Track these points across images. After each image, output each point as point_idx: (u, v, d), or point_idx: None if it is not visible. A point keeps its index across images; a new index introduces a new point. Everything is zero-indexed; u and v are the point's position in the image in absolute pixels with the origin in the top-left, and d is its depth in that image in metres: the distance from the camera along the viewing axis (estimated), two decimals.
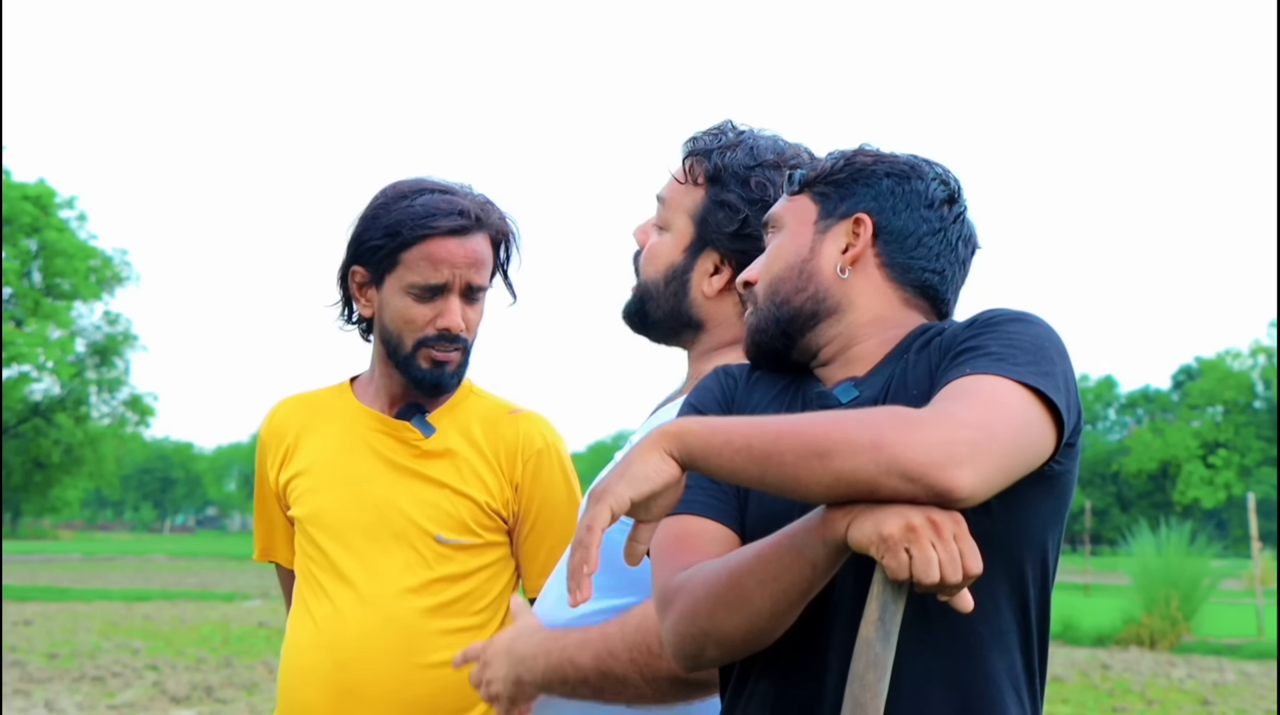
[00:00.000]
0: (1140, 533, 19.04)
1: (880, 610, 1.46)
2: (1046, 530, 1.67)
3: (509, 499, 2.42)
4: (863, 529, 1.45)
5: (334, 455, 2.45)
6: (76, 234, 42.49)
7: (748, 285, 1.85)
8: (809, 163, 1.92)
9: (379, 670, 2.32)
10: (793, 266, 1.80)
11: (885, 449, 1.44)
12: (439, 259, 2.33)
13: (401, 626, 2.34)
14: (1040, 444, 1.55)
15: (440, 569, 2.37)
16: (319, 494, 2.44)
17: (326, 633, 2.36)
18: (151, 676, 11.82)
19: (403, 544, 2.37)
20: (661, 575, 1.67)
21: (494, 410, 2.48)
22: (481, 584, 2.40)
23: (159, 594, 24.32)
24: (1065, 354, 1.64)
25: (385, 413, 2.46)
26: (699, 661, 1.65)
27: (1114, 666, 14.33)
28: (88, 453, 44.35)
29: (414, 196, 2.36)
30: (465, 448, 2.42)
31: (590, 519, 1.48)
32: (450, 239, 2.33)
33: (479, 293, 2.40)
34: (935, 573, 1.41)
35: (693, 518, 1.70)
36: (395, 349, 2.39)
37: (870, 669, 1.46)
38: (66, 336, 42.19)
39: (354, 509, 2.40)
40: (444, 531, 2.38)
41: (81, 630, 16.42)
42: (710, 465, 1.51)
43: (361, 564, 2.37)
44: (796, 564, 1.52)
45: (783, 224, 1.84)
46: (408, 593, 2.35)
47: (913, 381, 1.70)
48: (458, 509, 2.39)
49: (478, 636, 2.32)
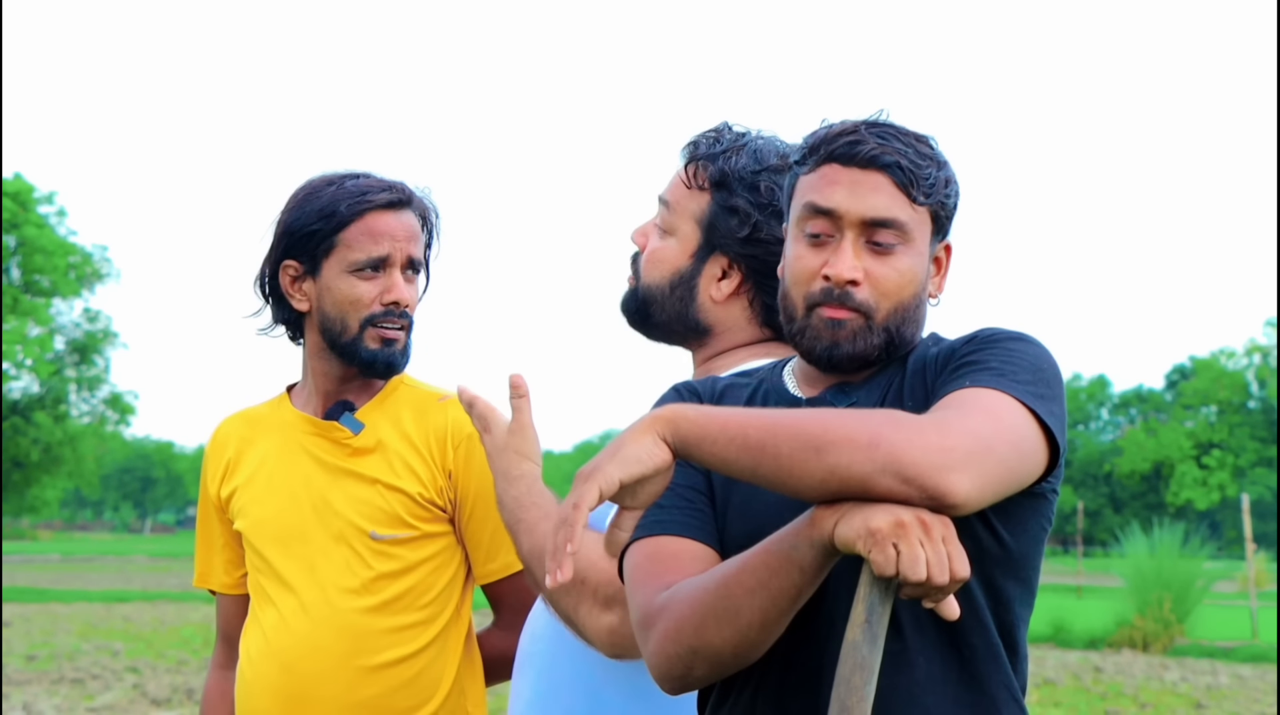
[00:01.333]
0: (1133, 534, 19.25)
1: (867, 612, 1.46)
2: (1034, 549, 1.69)
3: (443, 487, 2.39)
4: (851, 524, 1.44)
5: (272, 464, 2.46)
6: (56, 230, 42.37)
7: (852, 283, 1.71)
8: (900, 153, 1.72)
9: (325, 674, 2.32)
10: (917, 295, 1.75)
11: (883, 447, 1.44)
12: (379, 232, 2.34)
13: (345, 628, 2.33)
14: (1034, 462, 1.56)
15: (380, 566, 2.35)
16: (259, 504, 2.44)
17: (273, 641, 2.36)
18: (132, 679, 11.85)
19: (341, 545, 2.36)
20: (642, 596, 1.65)
21: (424, 399, 2.46)
22: (425, 577, 2.37)
23: (139, 595, 24.27)
24: (1060, 379, 1.66)
25: (317, 415, 2.46)
26: (686, 681, 1.61)
27: (1106, 669, 14.44)
28: (67, 452, 44.25)
29: (340, 181, 2.38)
30: (396, 440, 2.40)
31: (577, 497, 1.46)
32: (388, 212, 2.36)
33: (417, 267, 2.41)
34: (922, 570, 1.41)
35: (671, 538, 1.68)
36: (339, 336, 2.38)
37: (856, 672, 1.45)
38: (45, 334, 42.04)
39: (293, 515, 2.41)
40: (378, 528, 2.36)
41: (61, 632, 16.40)
42: (703, 453, 1.50)
43: (303, 569, 2.37)
44: (784, 569, 1.50)
45: (911, 238, 1.72)
46: (349, 593, 2.34)
47: (908, 394, 1.71)
48: (391, 504, 2.37)
49: (426, 632, 2.33)
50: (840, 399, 1.75)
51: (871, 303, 1.70)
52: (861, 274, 1.70)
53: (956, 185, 1.76)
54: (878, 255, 1.71)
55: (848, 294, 1.70)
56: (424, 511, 2.37)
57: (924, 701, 1.61)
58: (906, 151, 1.71)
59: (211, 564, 2.57)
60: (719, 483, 1.73)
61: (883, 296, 1.70)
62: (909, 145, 1.72)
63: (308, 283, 2.39)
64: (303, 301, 2.40)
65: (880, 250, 1.70)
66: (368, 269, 2.34)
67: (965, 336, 1.72)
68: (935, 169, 1.73)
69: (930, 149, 1.74)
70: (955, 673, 1.63)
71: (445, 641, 2.36)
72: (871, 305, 1.70)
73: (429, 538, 2.38)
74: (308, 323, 2.42)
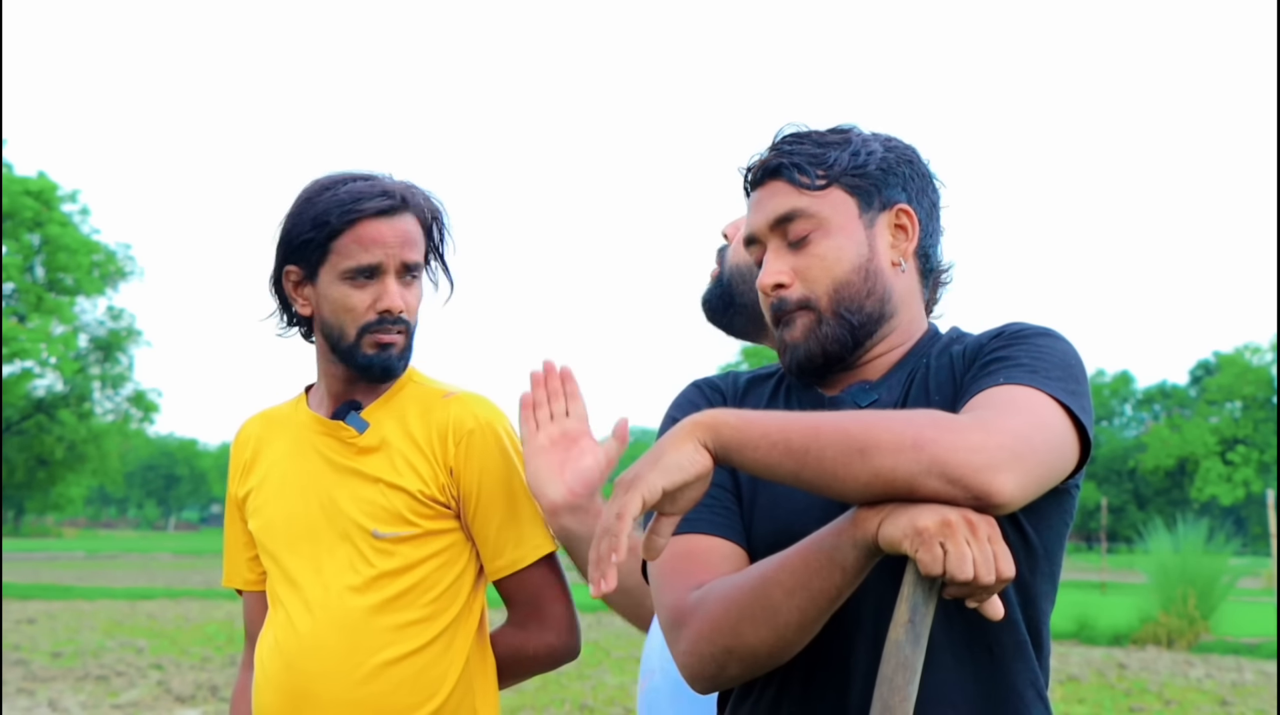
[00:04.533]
0: (1157, 530, 19.14)
1: (910, 612, 1.46)
2: (1058, 544, 1.70)
3: (445, 484, 2.39)
4: (897, 524, 1.44)
5: (285, 464, 2.48)
6: (79, 228, 42.57)
7: (779, 287, 1.75)
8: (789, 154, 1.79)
9: (327, 671, 2.33)
10: (858, 267, 1.74)
11: (928, 448, 1.43)
12: (370, 240, 2.34)
13: (346, 626, 2.34)
14: (1068, 459, 1.56)
15: (382, 564, 2.35)
16: (272, 504, 2.47)
17: (280, 640, 2.39)
18: (156, 675, 11.80)
19: (345, 544, 2.38)
20: (672, 595, 1.65)
21: (429, 397, 2.46)
22: (430, 574, 2.37)
23: (163, 592, 24.32)
24: (1086, 374, 1.66)
25: (327, 415, 2.47)
26: (718, 681, 1.61)
27: (1131, 666, 14.35)
28: (91, 449, 44.49)
29: (336, 187, 2.37)
30: (400, 438, 2.41)
31: (620, 507, 1.45)
32: (379, 220, 2.34)
33: (415, 272, 2.40)
34: (969, 569, 1.41)
35: (699, 536, 1.68)
36: (338, 341, 2.39)
37: (900, 671, 1.45)
38: (69, 332, 42.21)
39: (302, 515, 2.42)
40: (380, 526, 2.37)
41: (85, 629, 16.46)
42: (745, 458, 1.50)
43: (310, 568, 2.39)
44: (825, 569, 1.50)
45: (822, 221, 1.75)
46: (351, 591, 2.35)
47: (934, 388, 1.70)
48: (392, 502, 2.37)
49: (429, 629, 2.34)
50: (863, 396, 1.75)
51: (806, 294, 1.74)
52: (786, 275, 1.74)
53: (877, 154, 1.77)
54: (798, 250, 1.75)
55: (783, 299, 1.75)
56: (426, 508, 2.37)
57: (952, 699, 1.61)
58: (799, 149, 1.77)
59: (236, 563, 2.60)
60: (745, 481, 1.74)
61: (814, 283, 1.73)
62: (803, 142, 1.78)
63: (308, 288, 2.40)
64: (305, 306, 2.42)
65: (799, 245, 1.75)
66: (360, 277, 2.34)
67: (992, 331, 1.72)
68: (837, 150, 1.76)
69: (836, 135, 1.79)
70: (985, 670, 1.63)
71: (451, 639, 2.36)
72: (808, 296, 1.74)
73: (432, 535, 2.38)
74: (315, 322, 2.44)
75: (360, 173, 2.42)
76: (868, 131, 1.82)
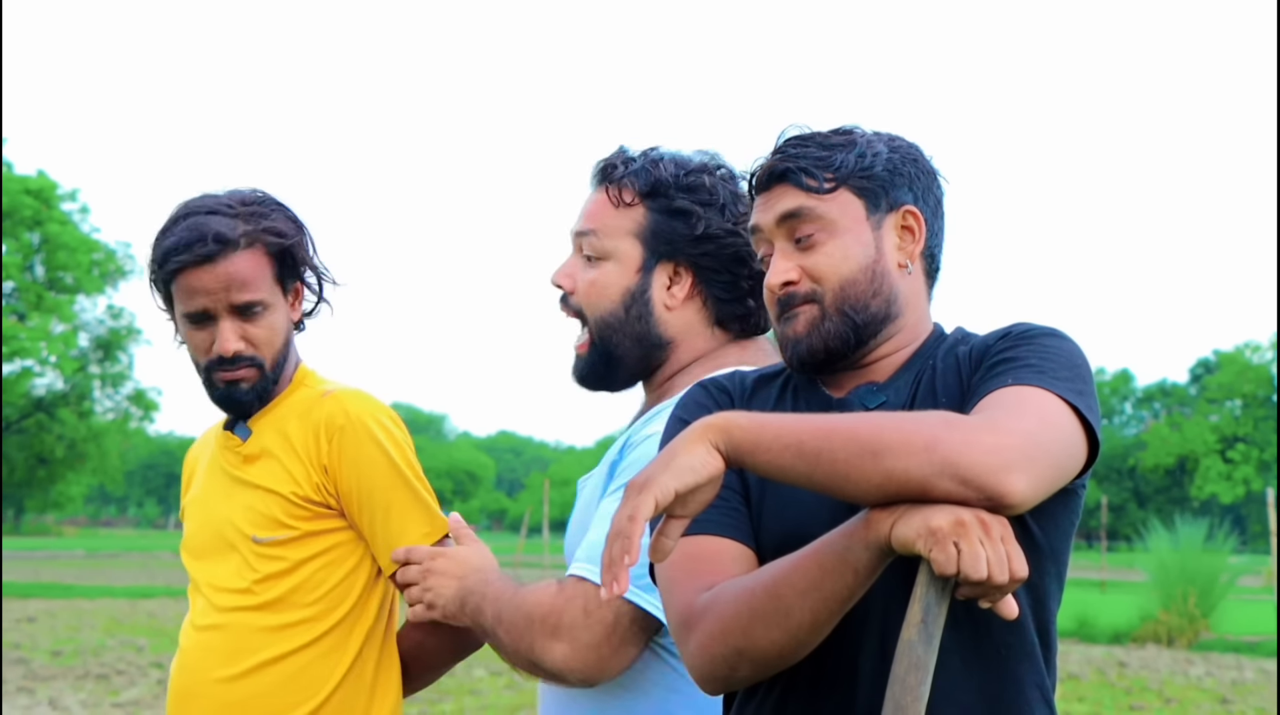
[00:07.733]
0: (1157, 529, 19.19)
1: (923, 612, 1.46)
2: (1064, 543, 1.70)
3: (320, 483, 2.40)
4: (910, 524, 1.44)
5: (202, 480, 2.54)
6: (79, 227, 42.52)
7: (788, 285, 1.76)
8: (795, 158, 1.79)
9: (208, 673, 2.38)
10: (865, 267, 1.75)
11: (940, 450, 1.44)
12: (193, 289, 2.34)
13: (226, 629, 2.39)
14: (1077, 459, 1.57)
15: (264, 568, 2.38)
16: (190, 519, 2.53)
17: (181, 643, 2.47)
18: (156, 674, 11.79)
19: (233, 552, 2.42)
20: (682, 597, 1.64)
21: (310, 398, 2.46)
22: (313, 574, 2.38)
23: (163, 591, 24.32)
24: (1092, 374, 1.67)
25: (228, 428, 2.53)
26: (729, 682, 1.62)
27: (1131, 664, 14.37)
28: (91, 448, 44.45)
29: (172, 228, 2.37)
30: (278, 444, 2.43)
31: (633, 509, 1.45)
32: (199, 269, 2.33)
33: (255, 308, 2.37)
34: (983, 569, 1.41)
35: (709, 538, 1.68)
36: (197, 372, 2.44)
37: (912, 671, 1.45)
38: (69, 331, 42.18)
39: (205, 527, 2.48)
40: (259, 532, 2.40)
41: (85, 627, 16.47)
42: (757, 460, 1.50)
43: (207, 578, 2.44)
44: (837, 570, 1.50)
45: (829, 222, 1.75)
46: (234, 594, 2.39)
47: (941, 389, 1.71)
48: (269, 507, 2.40)
49: (312, 629, 2.36)
50: (871, 397, 1.75)
51: (813, 290, 1.75)
52: (795, 273, 1.76)
53: (883, 155, 1.78)
54: (805, 249, 1.76)
55: (790, 295, 1.76)
56: (302, 510, 2.38)
57: (959, 701, 1.62)
58: (805, 152, 1.77)
59: None
60: (754, 483, 1.73)
61: (821, 280, 1.75)
62: (809, 144, 1.78)
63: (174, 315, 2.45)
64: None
65: (806, 244, 1.76)
66: (194, 322, 2.37)
67: (998, 332, 1.72)
68: (843, 152, 1.77)
69: (842, 137, 1.79)
70: (993, 673, 1.64)
71: (343, 638, 2.37)
72: (815, 292, 1.75)
73: (313, 536, 2.38)
74: None
75: (207, 201, 2.40)
76: (870, 131, 1.83)
